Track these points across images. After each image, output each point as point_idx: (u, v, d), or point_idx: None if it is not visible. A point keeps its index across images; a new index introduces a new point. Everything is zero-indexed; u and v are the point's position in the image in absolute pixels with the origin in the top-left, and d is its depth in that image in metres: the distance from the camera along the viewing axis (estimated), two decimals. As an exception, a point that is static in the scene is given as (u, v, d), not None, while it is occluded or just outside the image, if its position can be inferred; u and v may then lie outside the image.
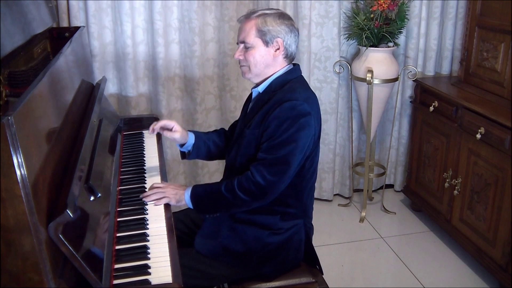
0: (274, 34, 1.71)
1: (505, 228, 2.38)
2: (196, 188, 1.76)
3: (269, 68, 1.76)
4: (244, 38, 1.74)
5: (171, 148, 3.05)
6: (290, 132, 1.64)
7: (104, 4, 2.69)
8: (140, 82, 2.86)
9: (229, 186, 1.69)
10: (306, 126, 1.66)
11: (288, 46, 1.74)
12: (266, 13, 1.73)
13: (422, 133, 3.08)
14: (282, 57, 1.76)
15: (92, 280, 1.21)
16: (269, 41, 1.71)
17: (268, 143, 1.67)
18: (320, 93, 3.17)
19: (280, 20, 1.72)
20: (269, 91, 1.76)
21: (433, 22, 3.13)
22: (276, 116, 1.66)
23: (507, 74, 2.54)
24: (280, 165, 1.66)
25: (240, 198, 1.67)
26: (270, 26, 1.70)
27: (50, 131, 1.34)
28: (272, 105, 1.69)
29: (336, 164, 3.35)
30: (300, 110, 1.65)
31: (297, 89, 1.71)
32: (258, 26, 1.71)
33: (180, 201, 1.74)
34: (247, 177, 1.67)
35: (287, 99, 1.67)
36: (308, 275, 1.82)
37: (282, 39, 1.72)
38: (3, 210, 1.06)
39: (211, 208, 1.75)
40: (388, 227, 3.12)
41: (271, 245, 1.76)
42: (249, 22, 1.73)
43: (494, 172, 2.44)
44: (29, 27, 1.69)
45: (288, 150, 1.65)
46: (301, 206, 1.82)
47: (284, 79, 1.76)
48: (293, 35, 1.74)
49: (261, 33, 1.71)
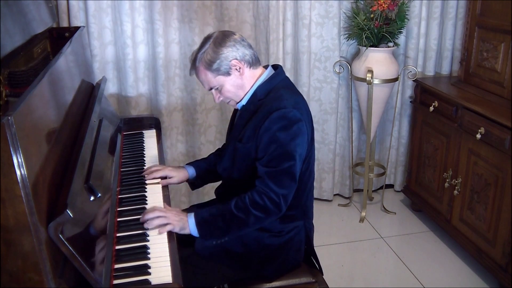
0: (225, 62, 1.67)
1: (505, 228, 2.38)
2: (200, 213, 1.66)
3: (246, 85, 1.73)
4: (209, 85, 1.73)
5: (171, 148, 3.05)
6: (286, 143, 1.62)
7: (104, 4, 2.69)
8: (140, 82, 2.86)
9: (240, 204, 1.63)
10: (300, 133, 1.64)
11: (244, 57, 1.70)
12: (203, 51, 1.69)
13: (422, 133, 3.08)
14: (248, 69, 1.72)
15: (92, 280, 1.21)
16: (227, 70, 1.69)
17: (268, 157, 1.64)
18: (320, 93, 3.17)
19: (218, 47, 1.67)
20: (254, 101, 1.73)
21: (433, 22, 3.13)
22: (267, 128, 1.63)
23: (507, 74, 2.54)
24: (285, 177, 1.63)
25: (254, 215, 1.63)
26: (216, 60, 1.67)
27: (50, 131, 1.34)
28: (261, 116, 1.66)
29: (336, 164, 3.35)
30: (290, 117, 1.62)
31: (284, 96, 1.67)
32: (208, 68, 1.68)
33: (183, 228, 1.63)
34: (259, 192, 1.63)
35: (275, 108, 1.63)
36: (308, 275, 1.82)
37: (235, 58, 1.68)
38: (3, 210, 1.06)
39: (220, 232, 1.66)
40: (388, 227, 3.12)
41: (271, 246, 1.76)
42: (199, 71, 1.71)
43: (494, 172, 2.44)
44: (29, 27, 1.69)
45: (290, 161, 1.63)
46: (301, 207, 1.81)
47: (268, 86, 1.73)
48: (238, 45, 1.69)
49: (216, 71, 1.68)
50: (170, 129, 3.00)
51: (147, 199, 1.78)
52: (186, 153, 3.10)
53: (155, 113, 2.88)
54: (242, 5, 2.91)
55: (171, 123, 2.99)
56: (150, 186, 1.86)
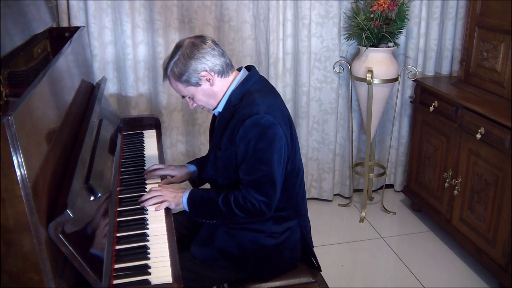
0: (194, 74, 1.66)
1: (505, 228, 2.38)
2: (194, 192, 1.75)
3: (218, 93, 1.73)
4: (181, 93, 1.74)
5: (171, 148, 3.05)
6: (262, 150, 1.62)
7: (104, 4, 2.69)
8: (140, 82, 2.86)
9: (225, 200, 1.68)
10: (275, 137, 1.63)
11: (213, 67, 1.68)
12: (174, 61, 1.67)
13: (422, 133, 3.08)
14: (219, 78, 1.70)
15: (92, 280, 1.22)
16: (197, 82, 1.68)
17: (246, 165, 1.65)
18: (320, 93, 3.17)
19: (187, 59, 1.65)
20: (229, 107, 1.72)
21: (433, 22, 3.13)
22: (242, 137, 1.63)
23: (507, 74, 2.54)
24: (265, 184, 1.65)
25: (236, 214, 1.67)
26: (185, 72, 1.66)
27: (50, 131, 1.34)
28: (235, 124, 1.65)
29: (336, 164, 3.35)
30: (263, 123, 1.61)
31: (255, 101, 1.65)
32: (178, 79, 1.68)
33: (178, 204, 1.73)
34: (243, 195, 1.66)
35: (247, 115, 1.62)
36: (308, 275, 1.83)
37: (204, 70, 1.67)
38: (3, 210, 1.06)
39: (206, 215, 1.74)
40: (388, 227, 3.12)
41: (267, 247, 1.76)
42: (171, 81, 1.72)
43: (494, 172, 2.44)
44: (29, 27, 1.69)
45: (267, 168, 1.63)
46: (292, 207, 1.81)
47: (241, 91, 1.71)
48: (208, 56, 1.67)
49: (186, 82, 1.68)
50: (170, 129, 3.00)
51: (147, 199, 1.78)
52: (186, 153, 3.10)
53: (155, 113, 2.88)
54: (242, 5, 2.91)
55: (171, 123, 2.99)
56: (150, 186, 1.86)
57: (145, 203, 1.70)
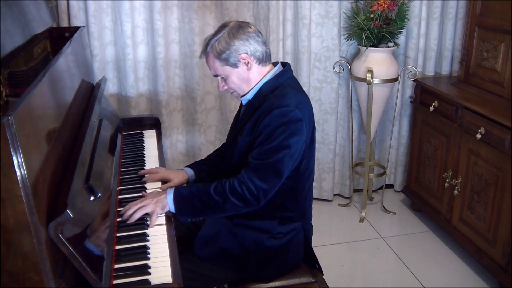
0: (234, 54, 1.67)
1: (505, 228, 2.38)
2: (179, 189, 1.69)
3: (252, 81, 1.73)
4: (215, 72, 1.73)
5: (171, 148, 3.05)
6: (281, 138, 1.62)
7: (104, 4, 2.69)
8: (140, 82, 2.86)
9: (219, 189, 1.64)
10: (297, 132, 1.64)
11: (254, 53, 1.69)
12: (217, 39, 1.68)
13: (422, 133, 3.08)
14: (257, 65, 1.72)
15: (92, 280, 1.22)
16: (235, 63, 1.68)
17: (259, 149, 1.64)
18: (320, 93, 3.17)
19: (231, 38, 1.66)
20: (259, 96, 1.72)
21: (433, 22, 3.13)
22: (267, 124, 1.63)
23: (507, 74, 2.54)
24: (270, 171, 1.63)
25: (231, 202, 1.63)
26: (226, 50, 1.66)
27: (50, 131, 1.34)
28: (262, 111, 1.66)
29: (336, 164, 3.35)
30: (291, 116, 1.62)
31: (288, 94, 1.67)
32: (217, 56, 1.68)
33: (164, 207, 1.64)
34: (240, 181, 1.63)
35: (277, 105, 1.63)
36: (308, 275, 1.82)
37: (245, 52, 1.68)
38: (3, 210, 1.06)
39: (196, 211, 1.67)
40: (388, 227, 3.12)
41: (270, 248, 1.76)
42: (209, 57, 1.71)
43: (494, 172, 2.44)
44: (29, 27, 1.69)
45: (278, 156, 1.62)
46: (299, 209, 1.81)
47: (275, 83, 1.72)
48: (252, 40, 1.68)
49: (224, 61, 1.68)
50: (170, 129, 3.00)
51: (147, 199, 1.78)
52: (186, 153, 3.10)
53: (155, 113, 2.88)
54: (242, 5, 2.91)
55: (171, 123, 2.99)
56: (150, 186, 1.86)
57: (130, 220, 1.61)
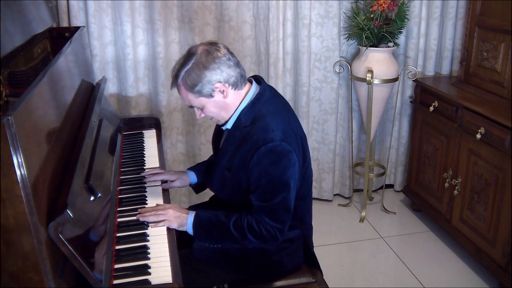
0: (208, 85, 1.58)
1: (505, 228, 2.38)
2: (200, 215, 1.67)
3: (231, 106, 1.66)
4: (190, 103, 1.66)
5: (171, 148, 3.05)
6: (277, 176, 1.58)
7: (104, 4, 2.69)
8: (140, 82, 2.86)
9: (238, 224, 1.63)
10: (291, 164, 1.59)
11: (228, 79, 1.60)
12: (186, 70, 1.59)
13: (422, 133, 3.08)
14: (233, 91, 1.63)
15: (92, 280, 1.22)
16: (210, 93, 1.60)
17: (260, 191, 1.60)
18: (320, 93, 3.17)
19: (201, 69, 1.57)
20: (239, 127, 1.65)
21: (433, 22, 3.13)
22: (256, 163, 1.57)
23: (507, 74, 2.54)
24: (279, 211, 1.62)
25: (249, 239, 1.63)
26: (199, 83, 1.58)
27: (50, 131, 1.34)
28: (249, 148, 1.59)
29: (336, 164, 3.35)
30: (279, 151, 1.57)
31: (269, 126, 1.58)
32: (189, 90, 1.60)
33: (182, 225, 1.64)
34: (257, 220, 1.62)
35: (261, 142, 1.56)
36: (308, 275, 1.83)
37: (218, 81, 1.59)
38: (3, 210, 1.06)
39: (213, 240, 1.68)
40: (388, 227, 3.12)
41: (270, 251, 1.76)
42: (181, 90, 1.63)
43: (494, 172, 2.44)
44: (29, 27, 1.69)
45: (282, 195, 1.60)
46: (298, 218, 1.79)
47: (253, 111, 1.64)
48: (223, 67, 1.58)
49: (197, 93, 1.60)
50: (170, 129, 3.00)
51: (147, 199, 1.78)
52: (186, 153, 3.10)
53: (155, 113, 2.88)
54: (242, 5, 2.91)
55: (171, 123, 2.99)
56: (150, 187, 1.86)
57: (145, 218, 1.61)
